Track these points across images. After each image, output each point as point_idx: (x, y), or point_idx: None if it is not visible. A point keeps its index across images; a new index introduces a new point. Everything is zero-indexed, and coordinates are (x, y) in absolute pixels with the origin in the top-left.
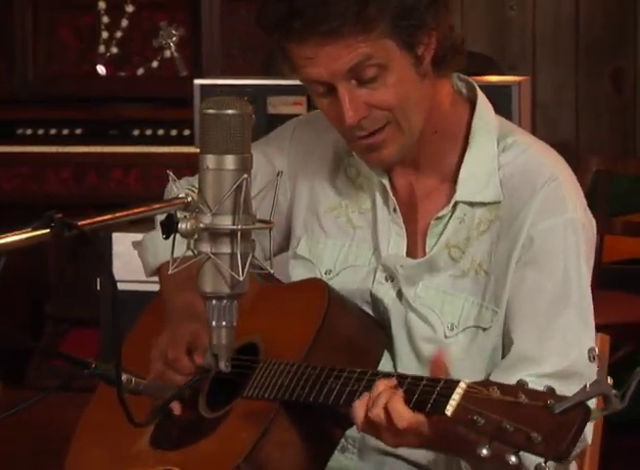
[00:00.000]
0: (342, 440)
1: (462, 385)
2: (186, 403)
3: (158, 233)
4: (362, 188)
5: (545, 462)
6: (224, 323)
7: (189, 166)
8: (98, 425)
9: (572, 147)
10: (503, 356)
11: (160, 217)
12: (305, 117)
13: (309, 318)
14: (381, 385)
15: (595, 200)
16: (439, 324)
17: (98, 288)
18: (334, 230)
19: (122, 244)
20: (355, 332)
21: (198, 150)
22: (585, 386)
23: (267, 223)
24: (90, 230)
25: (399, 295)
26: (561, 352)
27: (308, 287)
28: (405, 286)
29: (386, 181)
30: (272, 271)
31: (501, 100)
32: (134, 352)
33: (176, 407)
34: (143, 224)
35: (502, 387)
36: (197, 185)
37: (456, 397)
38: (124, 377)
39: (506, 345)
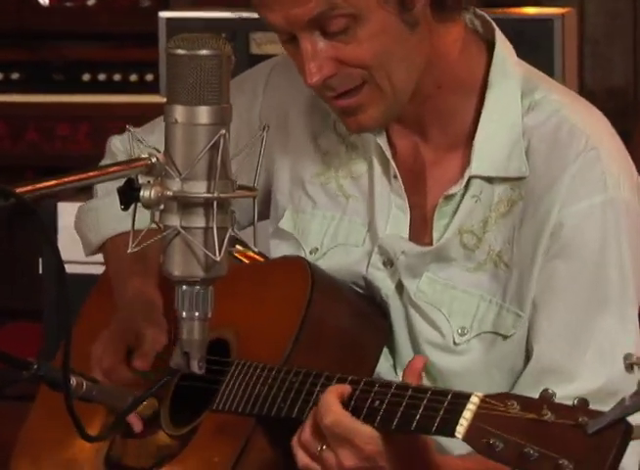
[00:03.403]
0: None
1: (474, 399)
2: (146, 418)
3: (99, 202)
4: (356, 148)
5: None
6: (197, 314)
7: (153, 119)
8: (40, 442)
9: (629, 95)
10: (526, 370)
11: (108, 185)
12: (284, 58)
13: (289, 308)
14: (328, 392)
15: None
16: (447, 327)
17: (40, 271)
18: (323, 199)
19: (70, 216)
20: (348, 323)
21: (164, 99)
22: (624, 399)
23: (250, 191)
24: (30, 199)
25: (399, 287)
26: (596, 367)
27: (287, 267)
28: (406, 277)
29: (382, 141)
30: (256, 250)
31: (540, 37)
32: (84, 347)
33: (136, 423)
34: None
35: (523, 401)
36: (155, 140)
37: (468, 414)
38: (73, 380)
39: (529, 356)
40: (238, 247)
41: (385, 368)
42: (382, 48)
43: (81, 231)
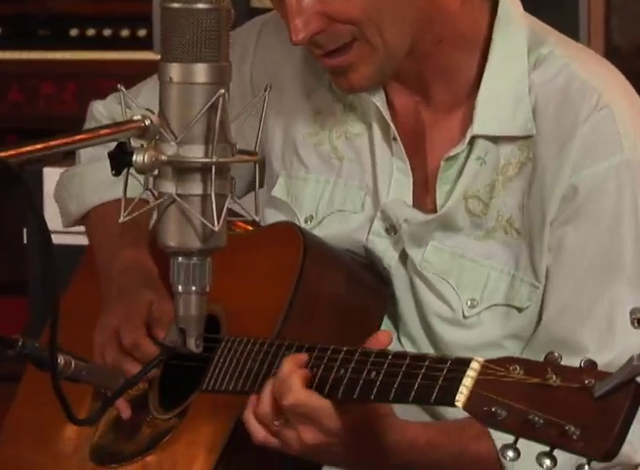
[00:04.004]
0: None
1: (474, 365)
2: (133, 401)
3: (83, 168)
4: (353, 108)
5: (588, 463)
6: (194, 288)
7: (145, 78)
8: (26, 428)
9: None
10: (532, 343)
11: (93, 150)
12: (275, 14)
13: (280, 277)
14: (285, 363)
15: None
16: (456, 299)
17: (25, 241)
18: (315, 162)
19: (56, 182)
20: (344, 290)
21: (158, 56)
22: (632, 359)
23: (251, 155)
24: (14, 163)
25: (403, 256)
26: (607, 339)
27: (277, 235)
28: (410, 246)
29: (380, 101)
30: (257, 219)
31: None
32: (72, 324)
33: (124, 409)
34: None
35: (526, 365)
36: (141, 103)
37: (468, 381)
38: (61, 359)
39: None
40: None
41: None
42: (371, 2)
43: (61, 199)
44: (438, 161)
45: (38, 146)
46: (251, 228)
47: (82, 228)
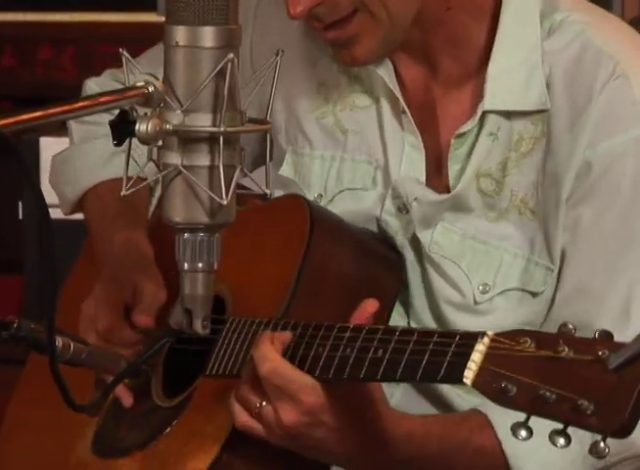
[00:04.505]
0: None
1: (484, 339)
2: (136, 388)
3: (75, 150)
4: (359, 80)
5: (603, 440)
6: (200, 266)
7: (149, 42)
8: (28, 416)
9: None
10: (544, 326)
11: (85, 128)
12: None
13: (286, 254)
14: (262, 337)
15: None
16: (467, 284)
17: (20, 217)
18: (319, 137)
19: (54, 153)
20: (355, 266)
21: (162, 19)
22: None
23: (262, 124)
24: (9, 133)
25: (414, 238)
26: (621, 320)
27: (283, 208)
28: (419, 227)
29: (388, 73)
30: (268, 192)
31: None
32: (73, 306)
33: (126, 397)
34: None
35: (537, 337)
36: (152, 68)
37: (477, 356)
38: (59, 341)
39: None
40: None
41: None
42: None
43: (57, 186)
44: (449, 138)
45: (35, 114)
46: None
47: None
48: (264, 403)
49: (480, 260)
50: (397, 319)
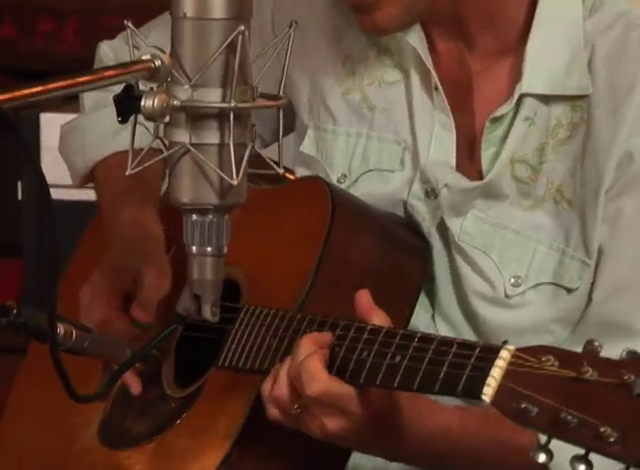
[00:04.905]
0: None
1: (504, 353)
2: (145, 376)
3: (86, 119)
4: (389, 52)
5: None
6: (209, 249)
7: (155, 14)
8: (29, 404)
9: None
10: (580, 325)
11: (97, 95)
12: None
13: (306, 240)
14: (304, 342)
15: None
16: (497, 276)
17: (19, 197)
18: (343, 112)
19: (55, 130)
20: (378, 255)
21: None
22: None
23: (275, 99)
24: (8, 108)
25: (442, 225)
26: None
27: (303, 191)
28: (448, 214)
29: (418, 42)
30: (281, 171)
31: None
32: (76, 291)
33: (134, 384)
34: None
35: (561, 356)
36: (158, 43)
37: (497, 372)
38: (61, 328)
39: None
40: None
41: (424, 320)
42: None
43: (66, 156)
44: (484, 120)
45: (36, 89)
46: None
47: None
48: (303, 409)
49: (513, 251)
50: (421, 314)
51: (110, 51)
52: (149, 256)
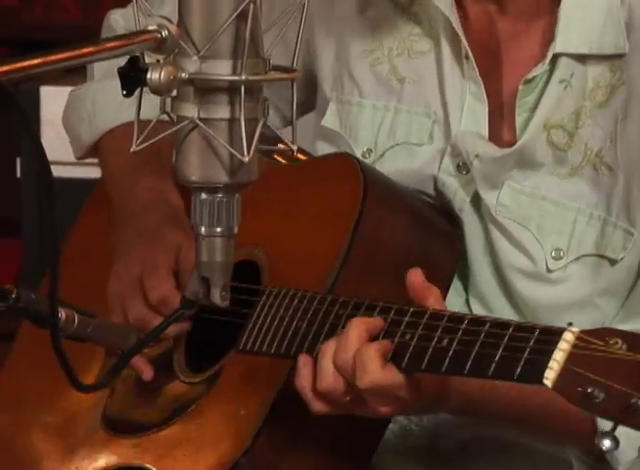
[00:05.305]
0: (401, 418)
1: (567, 336)
2: (155, 362)
3: (96, 86)
4: (418, 20)
5: None
6: (219, 230)
7: None
8: (21, 395)
9: None
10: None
11: (108, 64)
12: None
13: (335, 220)
14: (354, 327)
15: None
16: (538, 250)
17: (18, 175)
18: (371, 84)
19: (56, 104)
20: (411, 238)
21: None
22: None
23: (289, 72)
24: (6, 82)
25: (476, 199)
26: None
27: (332, 167)
28: (483, 187)
29: (447, 7)
30: (295, 148)
31: None
32: (77, 273)
33: (145, 369)
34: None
35: (629, 338)
36: (167, 14)
37: (559, 355)
38: (62, 313)
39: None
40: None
41: (457, 305)
42: None
43: (71, 125)
44: (516, 84)
45: (35, 61)
46: (301, 158)
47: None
48: (353, 398)
49: (552, 223)
50: (454, 298)
51: (122, 20)
52: (184, 229)
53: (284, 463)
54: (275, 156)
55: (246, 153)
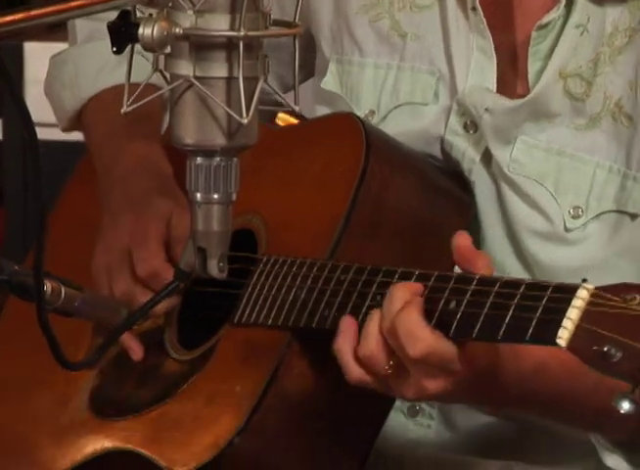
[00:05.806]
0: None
1: (582, 293)
2: (145, 339)
3: (78, 50)
4: None
5: None
6: (216, 197)
7: None
8: (8, 375)
9: None
10: None
11: (90, 25)
12: None
13: (336, 183)
14: (398, 292)
15: None
16: (555, 208)
17: (0, 137)
18: (371, 42)
19: (41, 61)
20: (416, 200)
21: None
22: None
23: (290, 28)
24: None
25: (486, 157)
26: None
27: (332, 127)
28: (494, 143)
29: None
30: (297, 108)
31: None
32: (62, 245)
33: (136, 347)
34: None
35: None
36: None
37: (574, 314)
38: (48, 285)
39: None
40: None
41: None
42: None
43: (54, 93)
44: (528, 33)
45: (18, 16)
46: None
47: None
48: (397, 369)
49: (569, 179)
50: None
51: None
52: (174, 196)
53: (280, 444)
54: (276, 120)
55: (244, 114)
